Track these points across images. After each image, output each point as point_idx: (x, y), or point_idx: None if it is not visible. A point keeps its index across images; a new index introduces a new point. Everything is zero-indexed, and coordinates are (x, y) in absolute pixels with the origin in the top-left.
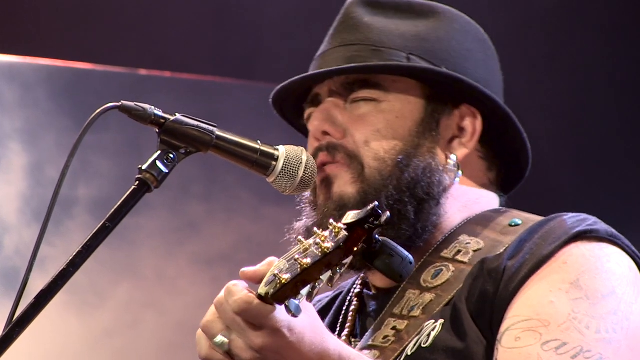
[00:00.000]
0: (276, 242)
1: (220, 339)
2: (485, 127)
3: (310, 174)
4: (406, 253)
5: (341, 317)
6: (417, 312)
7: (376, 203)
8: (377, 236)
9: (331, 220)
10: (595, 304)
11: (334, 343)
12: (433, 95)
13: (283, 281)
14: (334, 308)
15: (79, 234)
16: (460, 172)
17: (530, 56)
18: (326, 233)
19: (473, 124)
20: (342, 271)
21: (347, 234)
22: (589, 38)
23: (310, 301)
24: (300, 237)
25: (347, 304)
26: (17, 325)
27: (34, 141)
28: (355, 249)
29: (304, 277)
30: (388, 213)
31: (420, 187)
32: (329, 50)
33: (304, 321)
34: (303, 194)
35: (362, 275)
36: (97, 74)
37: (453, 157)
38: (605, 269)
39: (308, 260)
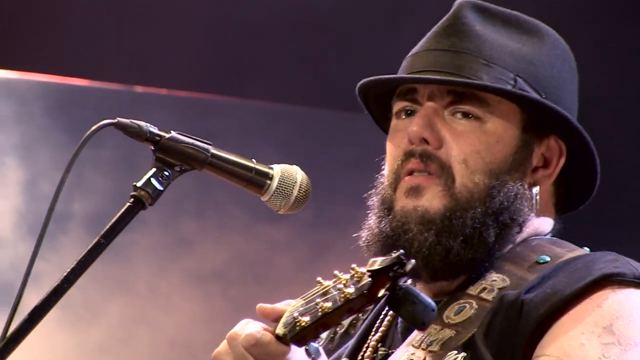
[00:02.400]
0: (268, 260)
1: None
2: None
3: (304, 193)
4: (429, 300)
5: (378, 321)
6: (435, 348)
7: (402, 250)
8: (400, 283)
9: (353, 265)
10: (626, 351)
11: None
12: (530, 124)
13: (303, 324)
14: (374, 311)
15: (73, 250)
16: (538, 204)
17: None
18: (347, 276)
19: (558, 160)
20: (364, 317)
21: (371, 280)
22: None
23: (332, 345)
24: (319, 279)
25: (385, 309)
26: (11, 341)
27: (29, 156)
28: (378, 295)
29: (325, 321)
30: (413, 261)
31: (508, 213)
32: (435, 50)
33: None
34: (376, 190)
35: None
36: (93, 91)
37: (537, 189)
38: None
39: (329, 305)
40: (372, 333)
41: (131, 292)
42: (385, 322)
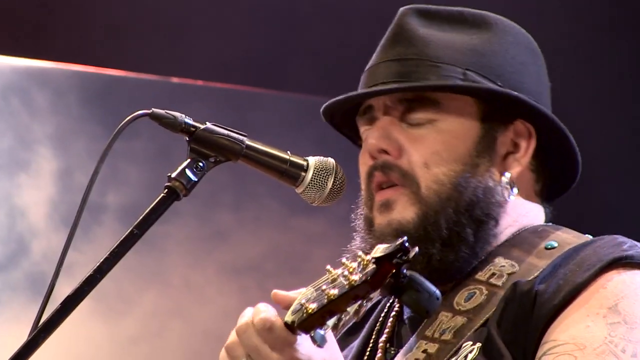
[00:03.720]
0: (304, 252)
1: None
2: (538, 140)
3: (339, 185)
4: (434, 288)
5: (378, 324)
6: (448, 336)
7: (405, 238)
8: (405, 270)
9: (360, 253)
10: (633, 329)
11: None
12: (490, 113)
13: (309, 311)
14: (376, 311)
15: (107, 241)
16: (515, 190)
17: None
18: (354, 264)
19: (528, 141)
20: (368, 304)
21: (375, 267)
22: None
23: (337, 332)
24: (328, 267)
25: (386, 309)
26: (43, 331)
27: (64, 147)
28: (383, 283)
29: (331, 308)
30: (417, 248)
31: (479, 208)
32: (383, 62)
33: (324, 355)
34: (358, 212)
35: None
36: (129, 81)
37: (508, 174)
38: None
39: (335, 292)
40: (375, 335)
41: (165, 283)
42: (389, 323)
